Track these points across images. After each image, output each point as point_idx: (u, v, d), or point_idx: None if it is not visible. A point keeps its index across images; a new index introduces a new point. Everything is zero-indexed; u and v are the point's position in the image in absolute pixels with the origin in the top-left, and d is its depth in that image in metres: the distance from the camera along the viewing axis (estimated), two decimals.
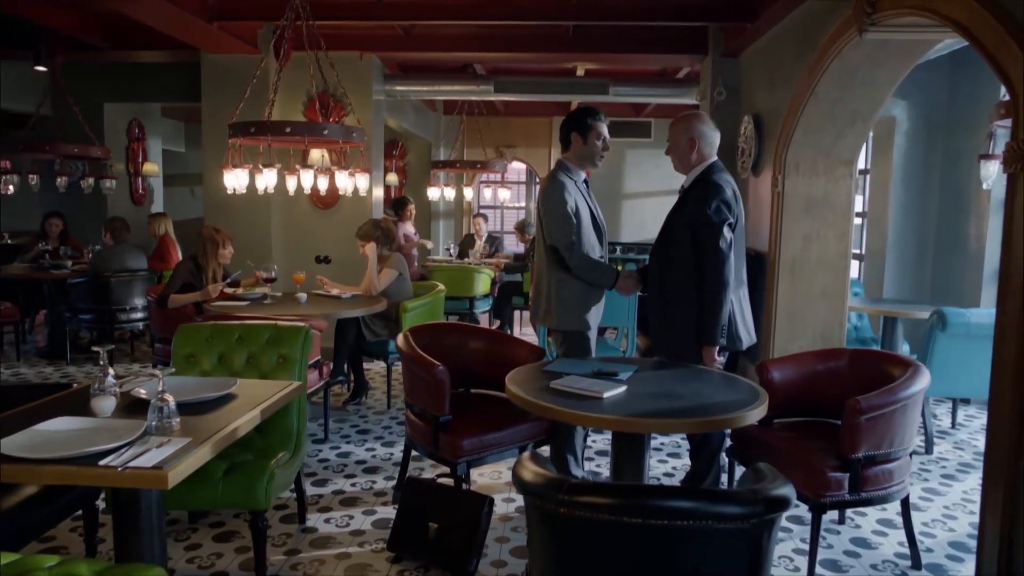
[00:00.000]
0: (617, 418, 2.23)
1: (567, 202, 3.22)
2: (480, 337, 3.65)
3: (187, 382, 2.51)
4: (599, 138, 3.32)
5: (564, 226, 3.21)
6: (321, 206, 6.60)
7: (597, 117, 3.32)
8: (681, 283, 3.07)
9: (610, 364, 2.89)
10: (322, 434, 4.45)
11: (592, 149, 3.33)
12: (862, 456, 2.68)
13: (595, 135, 3.31)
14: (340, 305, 4.77)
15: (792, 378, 3.18)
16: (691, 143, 3.14)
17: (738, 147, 5.61)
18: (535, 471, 1.70)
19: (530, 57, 6.54)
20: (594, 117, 3.32)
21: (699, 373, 2.85)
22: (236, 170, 4.41)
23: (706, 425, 2.33)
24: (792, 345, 4.76)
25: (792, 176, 4.66)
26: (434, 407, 3.10)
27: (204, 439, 1.98)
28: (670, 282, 3.13)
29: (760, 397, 2.45)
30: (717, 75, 5.91)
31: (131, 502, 2.16)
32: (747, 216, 5.47)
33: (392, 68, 7.28)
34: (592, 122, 3.30)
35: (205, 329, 3.15)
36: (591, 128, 3.30)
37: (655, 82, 7.02)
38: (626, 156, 10.63)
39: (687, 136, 3.14)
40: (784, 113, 4.63)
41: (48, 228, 7.29)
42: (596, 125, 3.31)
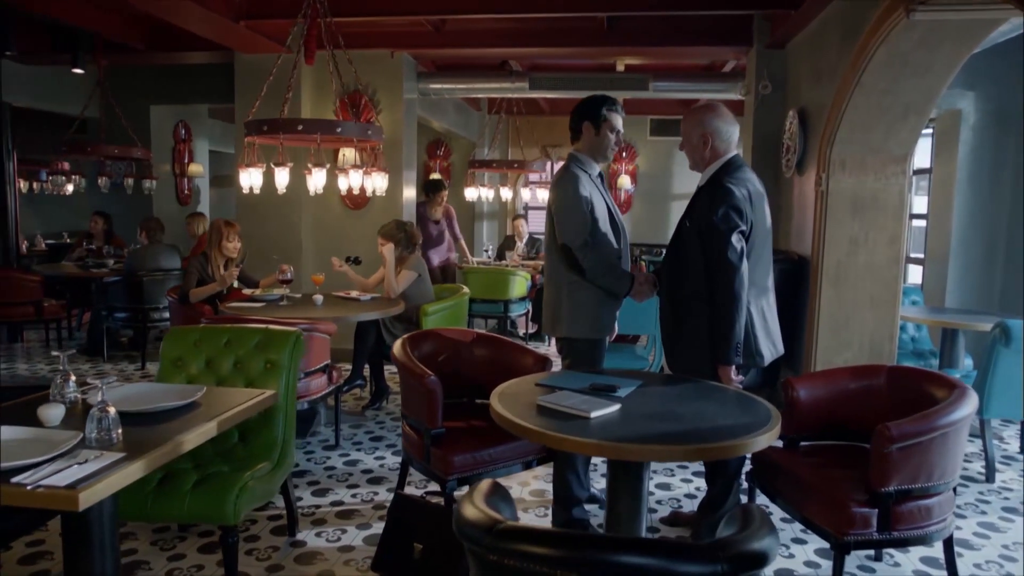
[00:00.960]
0: (598, 442, 1.99)
1: (582, 197, 2.99)
2: (485, 344, 3.45)
3: (151, 389, 2.40)
4: (612, 130, 3.08)
5: (578, 223, 2.98)
6: (352, 206, 6.52)
7: (613, 107, 3.08)
8: (693, 295, 2.80)
9: (612, 379, 2.64)
10: (333, 440, 4.33)
11: (604, 141, 3.09)
12: (893, 490, 2.35)
13: (608, 126, 3.07)
14: (356, 308, 4.65)
15: (821, 397, 2.86)
16: (704, 139, 2.85)
17: (783, 144, 5.24)
18: (475, 507, 1.48)
19: (565, 52, 6.31)
20: (610, 107, 3.08)
21: (711, 391, 2.57)
22: (251, 169, 4.33)
23: (701, 453, 2.07)
24: (837, 358, 4.40)
25: (837, 174, 4.29)
26: (426, 418, 2.91)
27: (140, 454, 1.84)
28: (681, 294, 2.88)
29: (770, 422, 2.16)
30: (762, 67, 5.54)
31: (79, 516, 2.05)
32: (791, 218, 5.11)
33: (428, 66, 7.16)
34: (607, 112, 3.06)
35: (194, 333, 3.05)
36: (605, 119, 3.06)
37: (698, 77, 6.68)
38: (675, 155, 10.23)
39: (699, 131, 2.86)
40: (829, 106, 4.26)
41: (92, 227, 7.46)
42: (611, 116, 3.07)
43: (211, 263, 4.87)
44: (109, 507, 2.10)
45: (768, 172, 5.52)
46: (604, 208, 3.09)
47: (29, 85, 7.28)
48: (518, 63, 7.06)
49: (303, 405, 3.99)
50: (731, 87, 6.37)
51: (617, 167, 10.27)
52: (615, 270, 3.03)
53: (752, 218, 2.72)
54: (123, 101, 7.69)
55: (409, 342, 3.27)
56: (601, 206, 3.07)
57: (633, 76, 6.49)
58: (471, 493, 1.62)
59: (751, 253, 2.72)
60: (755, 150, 5.63)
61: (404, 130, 6.47)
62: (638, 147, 10.28)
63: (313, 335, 3.96)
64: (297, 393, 3.87)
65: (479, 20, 5.93)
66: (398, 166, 6.49)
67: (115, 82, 7.71)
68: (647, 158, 10.34)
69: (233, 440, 2.87)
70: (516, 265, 7.69)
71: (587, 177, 3.07)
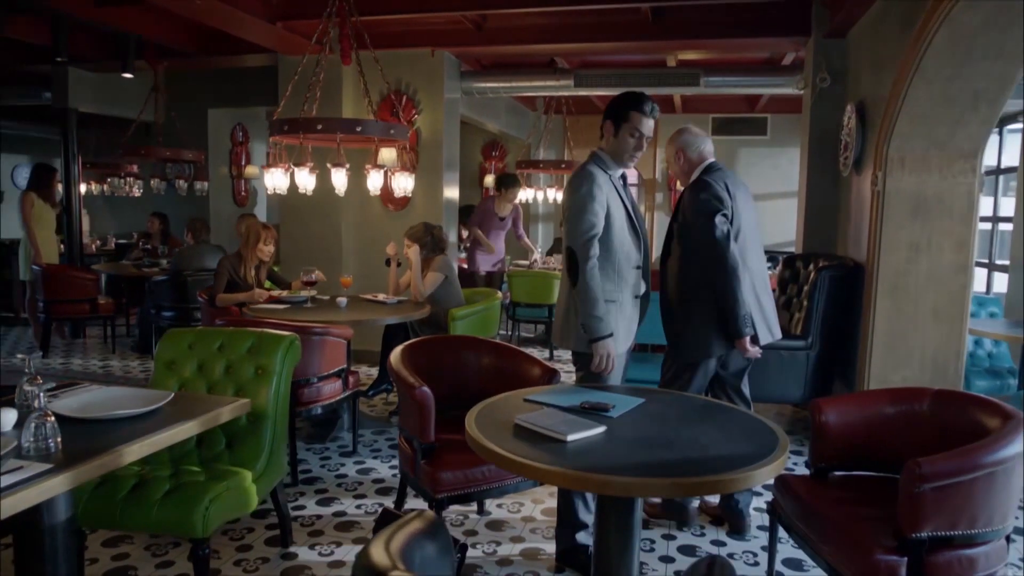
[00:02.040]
0: (562, 471, 1.76)
1: (594, 197, 2.73)
2: (492, 353, 3.25)
3: (115, 395, 2.32)
4: (634, 133, 2.77)
5: (584, 224, 2.71)
6: (392, 207, 6.45)
7: (641, 107, 2.77)
8: (697, 286, 3.02)
9: (612, 395, 2.40)
10: (351, 446, 4.23)
11: (622, 144, 2.80)
12: (927, 537, 2.02)
13: (629, 130, 2.77)
14: (379, 311, 4.54)
15: (854, 422, 2.53)
16: (677, 155, 3.15)
17: (841, 141, 4.83)
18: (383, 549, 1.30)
19: (609, 47, 6.04)
20: (637, 107, 2.77)
21: (716, 413, 2.30)
22: (275, 169, 4.28)
23: (684, 488, 1.81)
24: (894, 376, 3.99)
25: (896, 172, 3.89)
26: (417, 431, 2.75)
27: (69, 466, 1.74)
28: (686, 290, 3.07)
29: (773, 454, 1.88)
30: (820, 59, 5.13)
31: (33, 525, 1.98)
32: (849, 221, 4.71)
33: (474, 65, 7.03)
34: (631, 113, 2.77)
35: (189, 335, 2.98)
36: (626, 119, 2.78)
37: (752, 70, 6.27)
38: (739, 155, 9.77)
39: (673, 150, 3.16)
40: (886, 97, 3.87)
41: (150, 228, 7.68)
42: (634, 118, 2.76)
43: (244, 264, 4.84)
44: (64, 517, 2.03)
45: (825, 172, 5.12)
46: (623, 213, 2.83)
47: (95, 91, 7.56)
48: (565, 61, 6.84)
49: (316, 410, 3.91)
50: (788, 81, 5.95)
51: None
52: (597, 306, 2.67)
53: (733, 205, 2.98)
54: (182, 105, 7.91)
55: (410, 349, 3.11)
56: (619, 211, 2.81)
57: (683, 72, 6.16)
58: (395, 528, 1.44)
59: (737, 237, 2.95)
60: (810, 149, 5.22)
61: (445, 130, 6.35)
62: None
63: (326, 339, 3.87)
64: (308, 398, 3.83)
65: (520, 16, 5.74)
66: (438, 167, 6.38)
67: (175, 87, 7.94)
68: None
69: (219, 447, 2.78)
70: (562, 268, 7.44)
71: (605, 178, 2.82)
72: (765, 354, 4.45)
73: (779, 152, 9.31)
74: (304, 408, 3.77)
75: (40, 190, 6.74)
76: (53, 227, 6.96)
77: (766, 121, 9.47)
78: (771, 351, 4.39)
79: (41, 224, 6.74)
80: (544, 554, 3.03)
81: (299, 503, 3.48)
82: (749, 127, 9.57)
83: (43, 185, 6.76)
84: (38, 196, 6.71)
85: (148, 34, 5.96)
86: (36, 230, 6.69)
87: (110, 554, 2.93)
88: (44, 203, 6.78)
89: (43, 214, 6.75)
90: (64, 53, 5.30)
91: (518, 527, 3.26)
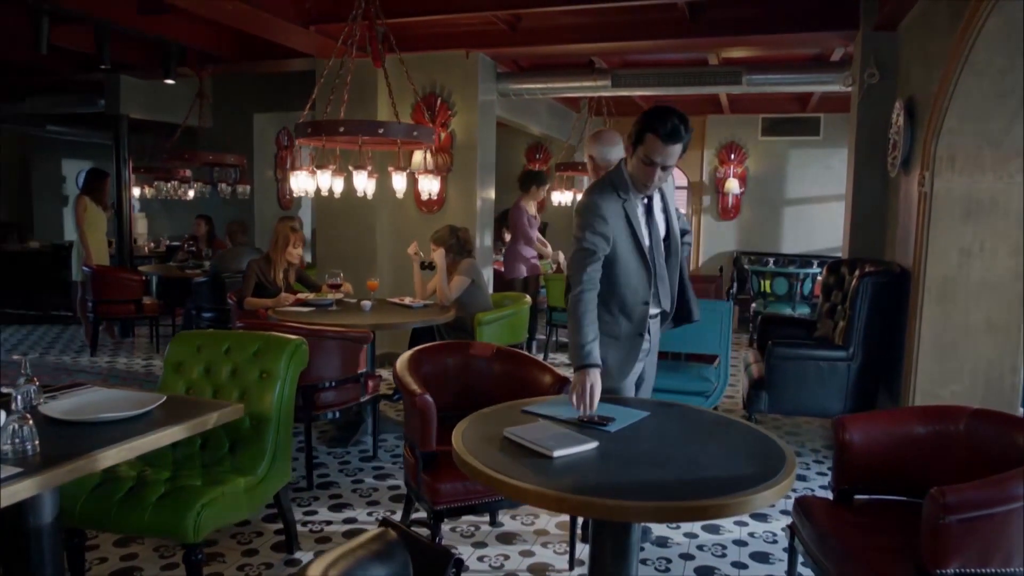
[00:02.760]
0: (537, 490, 1.65)
1: (591, 228, 2.45)
2: (503, 360, 3.15)
3: (110, 397, 2.30)
4: (648, 160, 2.36)
5: (575, 257, 2.48)
6: (426, 210, 6.42)
7: (658, 131, 2.29)
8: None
9: (615, 408, 2.27)
10: (372, 451, 4.19)
11: (636, 171, 2.43)
12: (953, 574, 1.83)
13: (642, 154, 2.37)
14: (404, 315, 4.50)
15: (881, 442, 2.33)
16: (589, 160, 3.15)
17: (889, 140, 4.55)
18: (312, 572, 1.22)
19: (646, 46, 5.86)
20: (653, 128, 2.30)
21: (724, 428, 2.15)
22: (299, 172, 4.29)
23: (671, 513, 1.67)
24: (942, 391, 3.72)
25: (944, 172, 3.63)
26: (418, 439, 2.67)
27: (38, 471, 1.72)
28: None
29: (774, 479, 1.73)
30: (868, 53, 4.86)
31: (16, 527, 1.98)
32: (897, 225, 4.44)
33: (511, 67, 6.95)
34: (647, 135, 2.33)
35: (197, 338, 2.98)
36: (641, 142, 2.36)
37: (796, 67, 6.00)
38: (789, 156, 9.43)
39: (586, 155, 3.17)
40: (934, 92, 3.61)
41: (196, 230, 7.86)
42: (649, 142, 2.33)
43: (272, 267, 4.87)
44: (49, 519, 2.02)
45: (873, 173, 4.84)
46: (631, 246, 2.50)
47: (145, 98, 7.80)
48: (604, 61, 6.69)
49: (334, 414, 3.89)
50: (836, 78, 5.67)
51: (724, 169, 9.58)
52: (579, 334, 2.37)
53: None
54: (229, 110, 8.10)
55: (418, 355, 3.04)
56: (626, 243, 2.49)
57: (724, 70, 5.94)
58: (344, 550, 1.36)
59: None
60: (858, 149, 4.96)
61: (480, 132, 6.29)
62: (748, 148, 9.54)
63: (343, 343, 3.84)
64: (325, 402, 3.80)
65: (554, 16, 5.64)
66: (472, 169, 6.33)
67: (221, 93, 8.12)
68: (758, 160, 9.58)
69: (223, 451, 2.76)
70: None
71: (616, 205, 2.47)
72: (803, 364, 4.27)
73: (832, 153, 8.93)
74: (320, 412, 3.75)
75: (92, 194, 6.96)
76: (104, 229, 7.18)
77: (818, 121, 9.11)
78: (809, 361, 4.18)
79: (93, 227, 6.96)
80: (553, 570, 2.91)
81: (311, 508, 3.45)
82: (800, 127, 9.22)
83: (95, 189, 6.98)
84: (90, 200, 6.93)
85: (190, 41, 6.09)
86: (88, 233, 6.91)
87: (120, 554, 2.94)
88: (96, 206, 7.00)
89: (95, 217, 6.97)
90: (107, 61, 5.44)
91: (529, 540, 3.15)
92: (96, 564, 2.86)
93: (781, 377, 4.19)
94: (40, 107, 8.68)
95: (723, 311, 4.01)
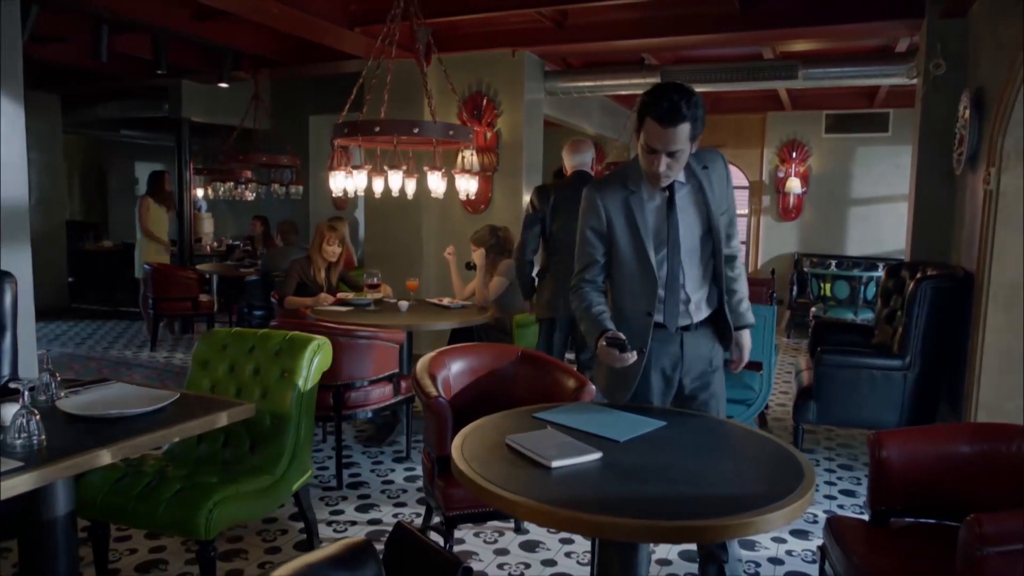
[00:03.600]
0: (526, 502, 1.57)
1: (585, 229, 2.33)
2: (527, 363, 3.07)
3: (128, 393, 2.34)
4: (647, 149, 2.12)
5: (578, 250, 2.39)
6: (471, 210, 6.40)
7: (654, 112, 2.05)
8: None
9: (625, 415, 2.17)
10: (405, 452, 4.17)
11: (641, 161, 2.18)
12: None
13: (642, 143, 2.14)
14: (441, 316, 4.47)
15: (922, 461, 2.15)
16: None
17: (955, 134, 4.26)
18: None
19: (698, 41, 5.67)
20: (650, 111, 2.05)
21: (747, 442, 2.01)
22: (337, 172, 4.31)
23: (654, 533, 1.55)
24: (1008, 404, 3.46)
25: (1012, 169, 3.37)
26: (434, 443, 2.62)
27: (36, 467, 1.75)
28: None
29: (787, 499, 1.60)
30: (935, 42, 4.56)
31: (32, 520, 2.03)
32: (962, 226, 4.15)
33: (560, 65, 6.86)
34: (645, 119, 2.09)
35: (224, 336, 3.01)
36: (642, 127, 2.12)
37: (856, 60, 5.68)
38: (855, 154, 8.99)
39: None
40: (1002, 83, 3.34)
41: (253, 230, 8.07)
42: (648, 127, 2.08)
43: (313, 266, 4.93)
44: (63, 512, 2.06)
45: (937, 171, 4.55)
46: (631, 250, 2.27)
47: (205, 101, 8.05)
48: (654, 57, 6.52)
49: (366, 414, 3.89)
50: (900, 70, 5.35)
51: (785, 168, 9.22)
52: (587, 317, 2.29)
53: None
54: (285, 113, 8.28)
55: (440, 357, 2.99)
56: (628, 245, 2.28)
57: (778, 64, 5.69)
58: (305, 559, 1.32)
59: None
60: (921, 145, 4.66)
61: (526, 131, 6.23)
62: (811, 146, 9.15)
63: (375, 343, 3.84)
64: (356, 402, 3.80)
65: (601, 11, 5.52)
66: (518, 169, 6.27)
67: (278, 96, 8.31)
68: (821, 158, 9.17)
69: (243, 448, 2.78)
70: None
71: (615, 194, 2.27)
72: (855, 373, 4.03)
73: (902, 151, 8.42)
74: (350, 412, 3.75)
75: (155, 195, 7.23)
76: (166, 229, 7.45)
77: (887, 117, 8.65)
78: (862, 370, 3.95)
79: (155, 226, 7.23)
80: None
81: (338, 507, 3.45)
82: (867, 124, 8.78)
83: (157, 190, 7.25)
84: (153, 200, 7.20)
85: (244, 45, 6.24)
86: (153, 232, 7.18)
87: (148, 546, 3.01)
88: (158, 206, 7.26)
89: (157, 217, 7.24)
90: (164, 66, 5.63)
91: (553, 549, 3.06)
92: (126, 555, 2.93)
93: (831, 386, 3.97)
94: (112, 113, 9.09)
95: (767, 316, 3.82)
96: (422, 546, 2.45)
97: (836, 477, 3.95)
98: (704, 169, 2.30)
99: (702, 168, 2.30)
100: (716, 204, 2.30)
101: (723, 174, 2.35)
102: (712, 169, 2.31)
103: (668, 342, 2.35)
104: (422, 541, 2.49)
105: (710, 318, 2.38)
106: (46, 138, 8.65)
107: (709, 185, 2.29)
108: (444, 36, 5.84)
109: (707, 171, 2.30)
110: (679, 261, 2.27)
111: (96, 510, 2.45)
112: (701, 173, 2.29)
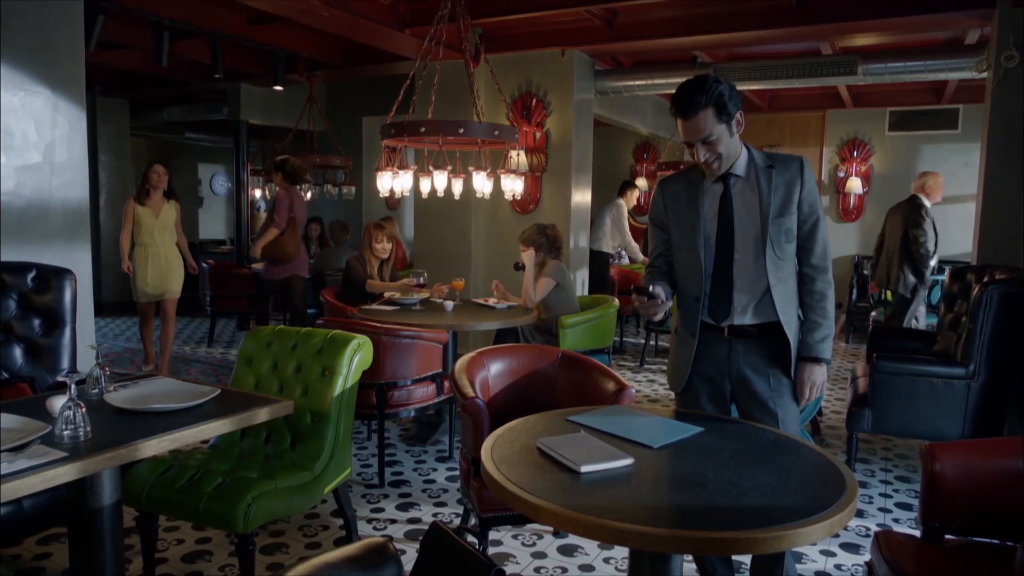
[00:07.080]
0: (551, 507, 1.54)
1: (652, 212, 2.48)
2: (568, 365, 3.03)
3: (170, 388, 2.40)
4: (685, 143, 2.23)
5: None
6: (519, 210, 6.39)
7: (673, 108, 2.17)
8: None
9: (661, 420, 2.11)
10: (448, 452, 4.19)
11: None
12: None
13: (681, 138, 2.26)
14: (486, 316, 4.47)
15: (978, 476, 2.03)
16: None
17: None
18: None
19: (752, 37, 5.52)
20: (672, 106, 2.18)
21: (786, 450, 1.93)
22: (384, 173, 4.36)
23: (682, 543, 1.48)
24: None
25: None
26: (471, 444, 2.61)
27: (77, 458, 1.80)
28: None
29: (825, 512, 1.52)
30: (1007, 33, 4.32)
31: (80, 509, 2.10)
32: None
33: (611, 64, 6.79)
34: (676, 118, 2.19)
35: (268, 334, 3.07)
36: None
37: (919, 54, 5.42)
38: (921, 152, 8.63)
39: None
40: None
41: (308, 232, 8.23)
42: (677, 122, 2.19)
43: (367, 264, 5.06)
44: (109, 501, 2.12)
45: (1008, 169, 4.32)
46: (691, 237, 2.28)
47: (262, 104, 8.27)
48: (707, 55, 6.39)
49: (409, 412, 3.92)
50: (969, 63, 5.09)
51: (846, 168, 8.91)
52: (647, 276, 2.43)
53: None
54: (339, 114, 8.42)
55: (479, 357, 2.98)
56: (686, 233, 2.29)
57: (836, 60, 5.48)
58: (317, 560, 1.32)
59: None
60: (990, 141, 4.42)
61: (575, 131, 6.18)
62: (873, 144, 8.81)
63: (418, 342, 3.86)
64: (398, 401, 3.84)
65: (651, 9, 5.44)
66: (567, 169, 6.23)
67: (333, 98, 8.46)
68: (884, 157, 8.82)
69: (284, 444, 2.83)
70: None
71: (676, 185, 2.35)
72: (913, 381, 3.84)
73: (972, 148, 8.03)
74: (393, 410, 3.78)
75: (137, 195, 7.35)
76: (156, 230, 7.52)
77: (956, 113, 8.26)
78: (920, 378, 3.77)
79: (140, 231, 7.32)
80: None
81: (379, 505, 3.48)
82: (935, 120, 8.40)
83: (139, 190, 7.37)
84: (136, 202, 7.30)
85: (298, 49, 6.38)
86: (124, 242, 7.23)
87: (195, 537, 3.09)
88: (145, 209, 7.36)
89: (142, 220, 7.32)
90: (220, 70, 5.80)
91: (592, 555, 3.02)
92: (173, 545, 3.02)
93: (887, 394, 3.80)
94: (176, 116, 9.42)
95: None
96: (456, 547, 2.45)
97: (892, 489, 3.78)
98: (769, 168, 2.24)
99: (766, 167, 2.24)
100: (775, 205, 2.21)
101: (795, 178, 2.23)
102: (779, 171, 2.23)
103: (714, 345, 2.30)
104: (456, 542, 2.49)
105: (769, 332, 2.27)
106: (115, 141, 9.02)
107: (767, 183, 2.22)
108: (493, 36, 5.85)
109: (771, 170, 2.23)
110: (731, 253, 2.24)
111: (143, 501, 2.53)
112: (763, 171, 2.23)
